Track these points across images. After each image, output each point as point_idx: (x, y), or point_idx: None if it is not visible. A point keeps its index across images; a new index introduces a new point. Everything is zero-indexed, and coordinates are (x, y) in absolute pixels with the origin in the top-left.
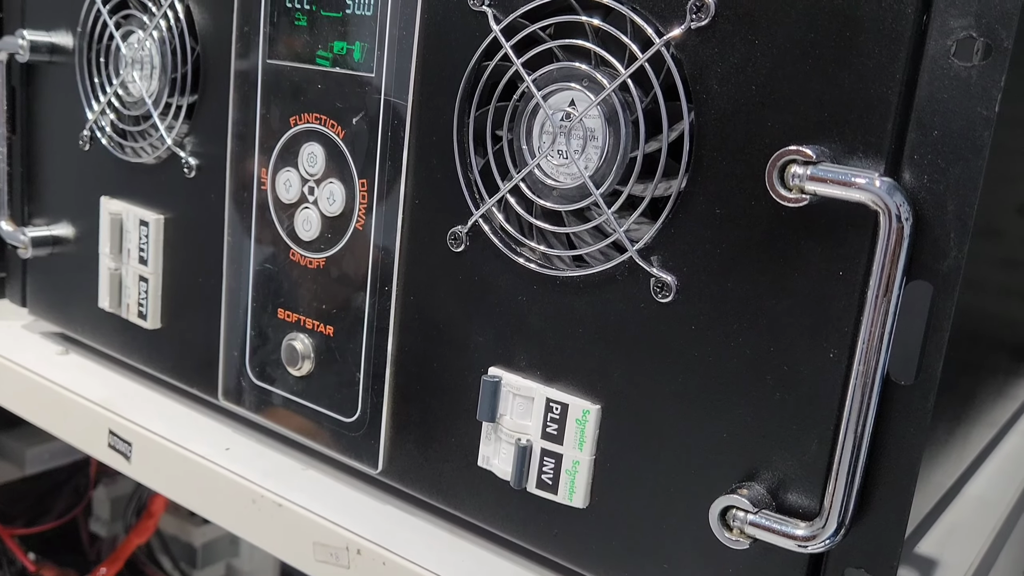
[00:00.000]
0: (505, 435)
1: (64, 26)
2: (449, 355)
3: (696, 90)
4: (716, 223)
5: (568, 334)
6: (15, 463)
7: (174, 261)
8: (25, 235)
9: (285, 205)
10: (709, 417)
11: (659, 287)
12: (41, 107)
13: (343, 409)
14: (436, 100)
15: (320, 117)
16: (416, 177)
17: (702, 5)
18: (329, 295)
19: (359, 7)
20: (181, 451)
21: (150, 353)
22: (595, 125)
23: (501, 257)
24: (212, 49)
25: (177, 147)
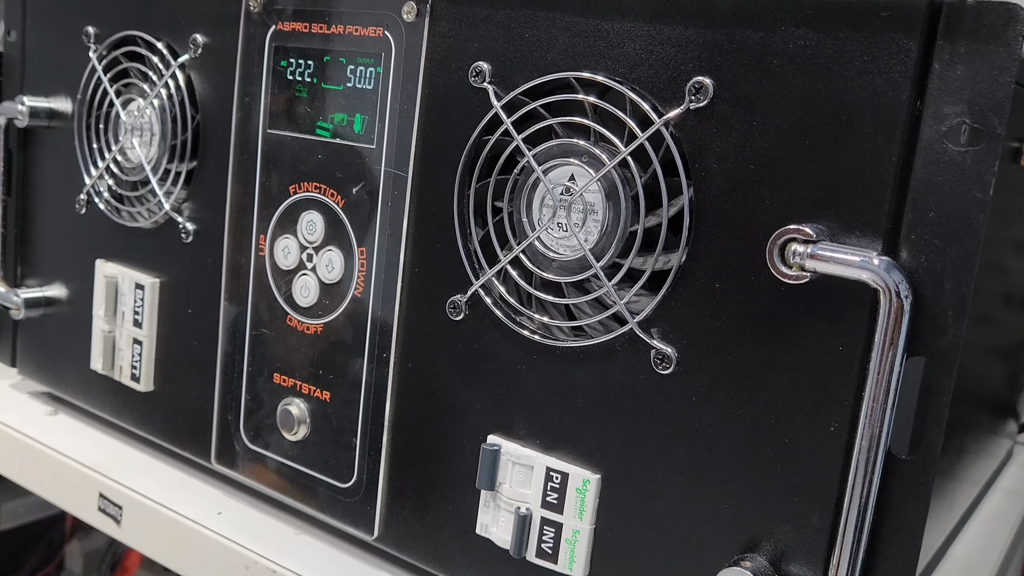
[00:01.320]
0: (504, 503)
1: (63, 92)
2: (447, 422)
3: (695, 167)
4: (716, 297)
5: (568, 403)
6: None
7: (168, 324)
8: (18, 296)
9: (283, 271)
10: (710, 488)
11: (660, 359)
12: (37, 170)
13: (339, 474)
14: (436, 172)
15: (320, 186)
16: (416, 246)
17: (701, 87)
18: (326, 361)
19: (360, 81)
20: (172, 515)
21: (142, 415)
22: (595, 199)
23: (501, 326)
24: (212, 117)
25: (175, 212)
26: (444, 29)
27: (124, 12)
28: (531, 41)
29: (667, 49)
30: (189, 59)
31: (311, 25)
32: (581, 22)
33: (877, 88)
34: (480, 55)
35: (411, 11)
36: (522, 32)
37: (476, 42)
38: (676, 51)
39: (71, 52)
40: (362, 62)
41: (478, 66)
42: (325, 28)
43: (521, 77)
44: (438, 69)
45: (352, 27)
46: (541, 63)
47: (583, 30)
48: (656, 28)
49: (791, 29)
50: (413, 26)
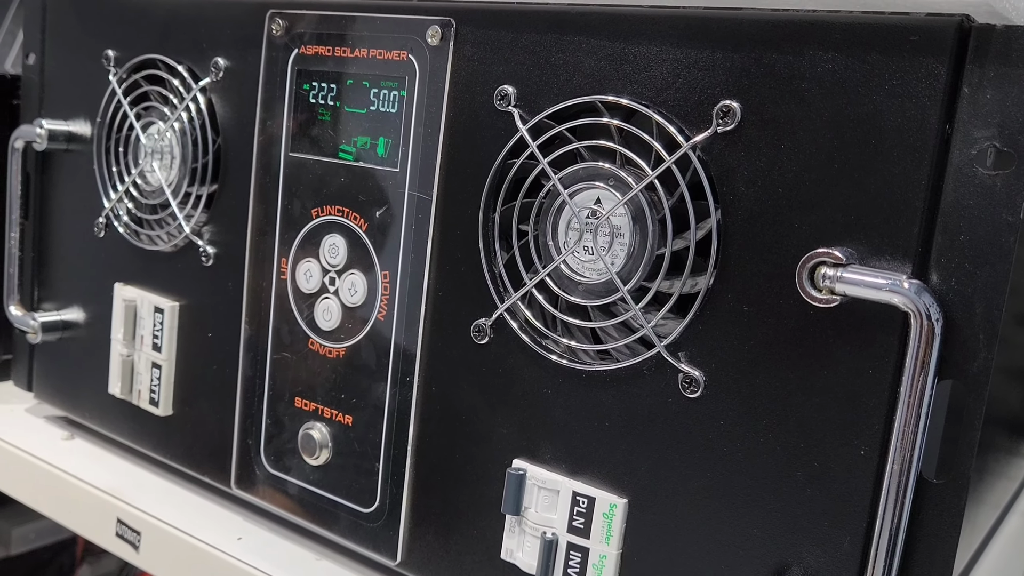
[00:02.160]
0: (530, 528)
1: (82, 115)
2: (471, 446)
3: (723, 191)
4: (744, 320)
5: (594, 427)
6: (0, 543)
7: (188, 348)
8: (35, 320)
9: (305, 295)
10: (739, 512)
11: (687, 382)
12: (55, 193)
13: (361, 499)
14: (461, 195)
15: (342, 209)
16: (439, 269)
17: (728, 111)
18: (348, 384)
19: (383, 104)
20: (192, 541)
21: (160, 440)
22: (621, 223)
23: (526, 350)
24: (233, 140)
25: (195, 236)
26: (469, 53)
27: (144, 36)
28: (557, 65)
29: (694, 73)
30: (210, 82)
31: (334, 49)
32: (607, 46)
33: (906, 112)
34: (505, 79)
35: (436, 35)
36: (548, 56)
37: (501, 66)
38: (703, 75)
39: (90, 75)
40: (385, 85)
41: (503, 89)
42: (348, 52)
43: (546, 100)
44: (463, 92)
45: (376, 51)
46: (567, 87)
47: (609, 54)
48: (683, 52)
49: (819, 53)
50: (438, 50)
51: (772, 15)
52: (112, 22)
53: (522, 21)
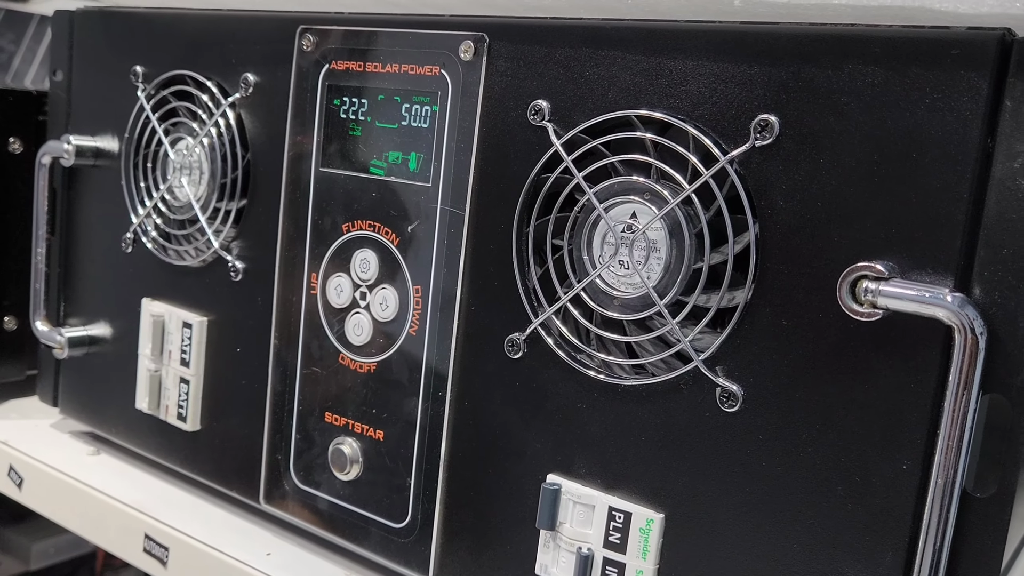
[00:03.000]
0: (565, 543)
1: (110, 131)
2: (505, 461)
3: (760, 205)
4: (783, 334)
5: (630, 442)
6: (20, 558)
7: (216, 363)
8: (62, 335)
9: (336, 310)
10: (778, 527)
11: (725, 396)
12: (81, 209)
13: (392, 514)
14: (494, 210)
15: (374, 224)
16: (472, 284)
17: (766, 125)
18: (380, 399)
19: (415, 119)
20: (221, 556)
21: (188, 455)
22: (657, 237)
23: (561, 364)
24: (263, 155)
25: (224, 251)
26: (502, 68)
27: (173, 52)
28: (591, 79)
29: (731, 87)
30: (240, 98)
31: (365, 64)
32: (643, 60)
33: (947, 125)
34: (539, 93)
35: (469, 50)
36: (582, 70)
37: (535, 80)
38: (741, 89)
39: (118, 91)
40: (418, 100)
41: (537, 104)
42: (380, 67)
43: (581, 115)
44: (496, 107)
45: (408, 66)
46: (601, 101)
47: (645, 68)
48: (720, 66)
49: (859, 67)
50: (470, 65)
51: (810, 29)
52: (140, 39)
53: (556, 36)
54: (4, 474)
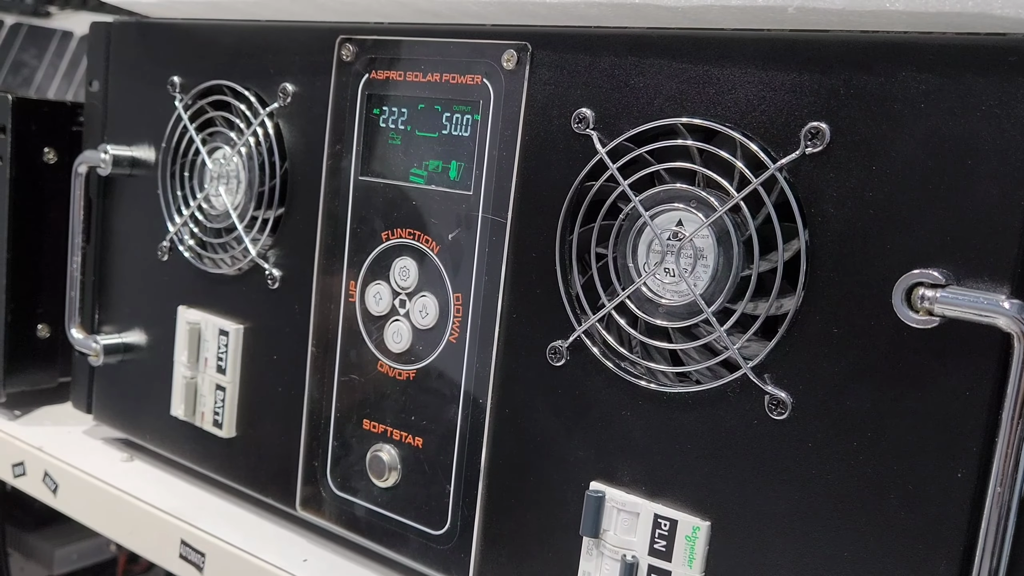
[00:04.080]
0: (609, 551)
1: (146, 141)
2: (547, 468)
3: (810, 212)
4: (833, 342)
5: (675, 449)
6: (43, 563)
7: (252, 370)
8: (97, 343)
9: (374, 317)
10: (828, 535)
11: (774, 404)
12: (116, 218)
13: (431, 521)
14: (536, 218)
15: (414, 232)
16: (513, 292)
17: (817, 132)
18: (419, 406)
19: (456, 128)
20: (257, 562)
21: (223, 462)
22: (704, 244)
23: (604, 372)
24: (300, 164)
25: (261, 259)
26: (545, 76)
27: (211, 62)
28: (637, 88)
29: (781, 95)
30: (278, 107)
31: (406, 74)
32: (690, 69)
33: (1005, 132)
34: (583, 102)
35: (511, 59)
36: (627, 79)
37: (579, 89)
38: (790, 97)
39: (154, 101)
40: (459, 110)
41: (581, 112)
42: (420, 76)
43: (626, 123)
44: (538, 116)
45: (449, 75)
46: (647, 109)
47: (692, 76)
48: (769, 74)
49: (912, 74)
50: (513, 74)
51: (862, 37)
52: (178, 49)
53: (600, 45)
54: (39, 480)
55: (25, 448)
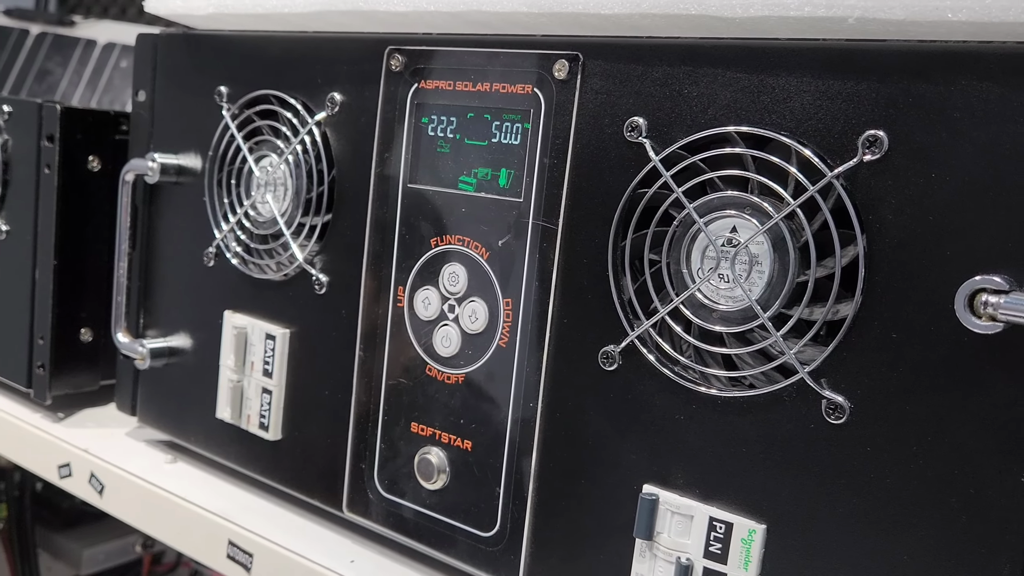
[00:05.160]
0: (662, 553)
1: (192, 149)
2: (598, 471)
3: (868, 219)
4: (892, 347)
5: (730, 453)
6: (72, 563)
7: (298, 373)
8: (143, 346)
9: (423, 322)
10: (887, 539)
11: (831, 408)
12: (161, 224)
13: (480, 523)
14: (587, 224)
15: (463, 239)
16: (564, 297)
17: (875, 140)
18: (468, 410)
19: (505, 136)
20: (305, 562)
21: (269, 464)
22: (760, 251)
23: (658, 376)
24: (348, 172)
25: (308, 264)
26: (597, 86)
27: (258, 73)
28: (690, 97)
29: (837, 103)
30: (326, 116)
31: (455, 84)
32: (744, 78)
33: None
34: (635, 111)
35: (563, 69)
36: (680, 88)
37: (631, 98)
38: (847, 105)
39: (201, 110)
40: (508, 118)
41: (634, 121)
42: (470, 86)
43: (679, 132)
44: (590, 124)
45: (499, 85)
46: (701, 118)
47: (746, 86)
48: (825, 83)
49: (972, 83)
50: (565, 83)
51: (920, 47)
52: (225, 60)
53: (653, 55)
54: (85, 481)
55: (71, 450)
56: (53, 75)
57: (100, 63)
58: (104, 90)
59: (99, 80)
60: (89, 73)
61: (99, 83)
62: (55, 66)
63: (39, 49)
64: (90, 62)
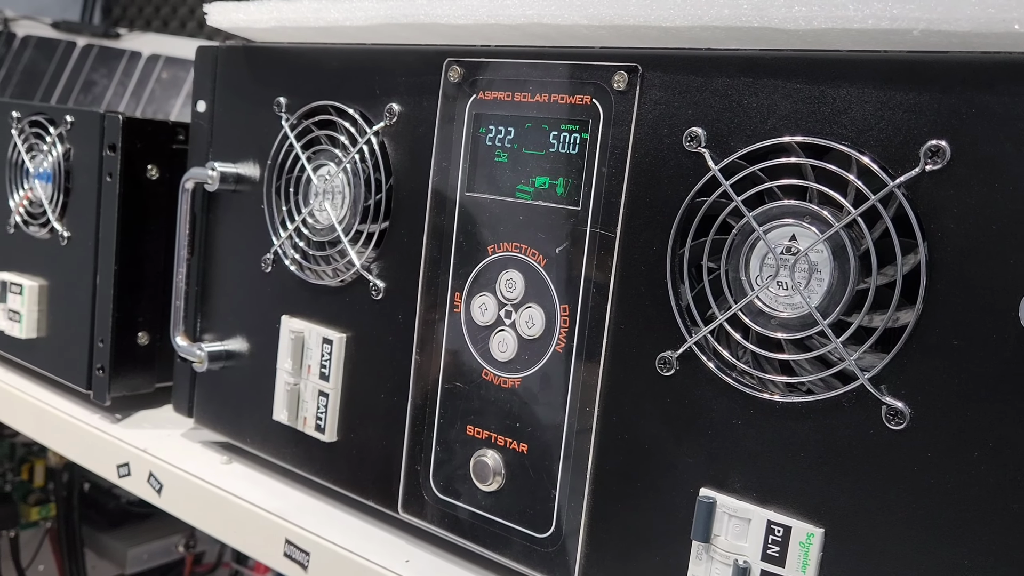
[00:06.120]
0: (720, 555)
1: (251, 158)
2: (654, 474)
3: (930, 228)
4: (953, 354)
5: (788, 457)
6: (117, 562)
7: (354, 377)
8: (202, 350)
9: (479, 327)
10: (947, 544)
11: (892, 414)
12: (218, 231)
13: (536, 525)
14: (645, 232)
15: (520, 246)
16: (621, 303)
17: (937, 150)
18: (524, 413)
19: (563, 146)
20: (362, 561)
21: (325, 465)
22: (819, 259)
23: (715, 382)
24: (405, 180)
25: (365, 270)
26: (656, 97)
27: (317, 84)
28: (750, 108)
29: (899, 114)
30: (384, 126)
31: (513, 94)
32: (804, 89)
33: None
34: (694, 121)
35: (622, 80)
36: (740, 99)
37: (690, 109)
38: (909, 116)
39: (260, 121)
40: (566, 128)
41: (693, 131)
42: (528, 97)
43: (738, 142)
44: (649, 134)
45: (557, 96)
46: (760, 128)
47: (807, 96)
48: (887, 94)
49: None
50: (623, 94)
51: (985, 58)
52: (285, 72)
53: (712, 66)
54: (144, 480)
55: (130, 450)
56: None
57: (144, 74)
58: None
59: (143, 91)
60: (133, 84)
61: (143, 94)
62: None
63: (85, 60)
64: (134, 73)
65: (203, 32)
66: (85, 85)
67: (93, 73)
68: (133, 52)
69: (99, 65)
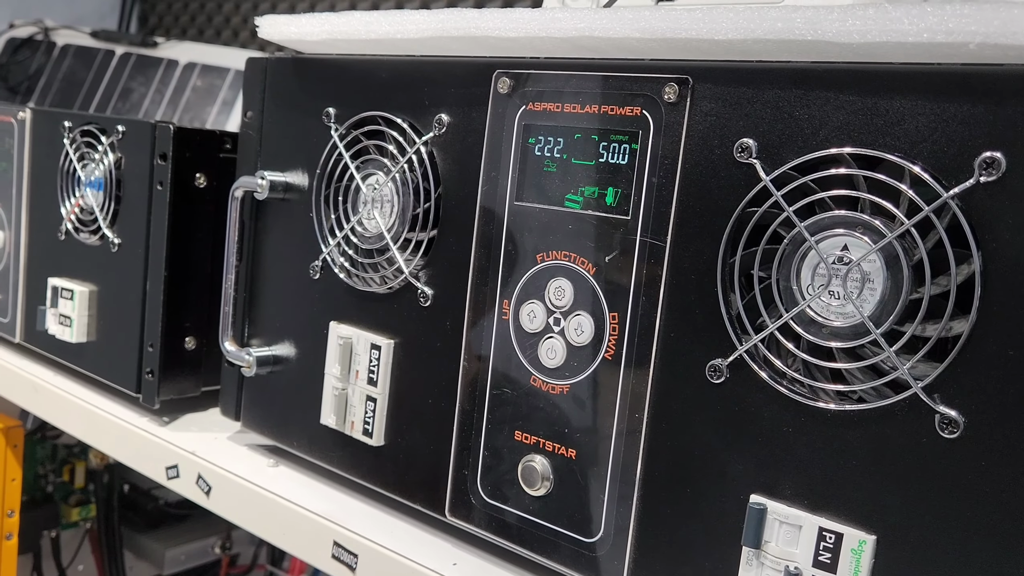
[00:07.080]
0: (770, 562)
1: (299, 167)
2: (703, 481)
3: (984, 238)
4: (1009, 363)
5: (839, 465)
6: (155, 563)
7: (402, 382)
8: (250, 355)
9: (528, 334)
10: (1003, 552)
11: (946, 423)
12: (267, 239)
13: (584, 529)
14: (696, 241)
15: (569, 255)
16: (671, 312)
17: (992, 162)
18: (573, 419)
19: (613, 157)
20: (409, 563)
21: (372, 468)
22: (872, 269)
23: (766, 389)
24: (454, 189)
25: (413, 278)
26: (707, 108)
27: (366, 95)
28: (801, 119)
29: (953, 126)
30: (433, 136)
31: (563, 105)
32: (857, 101)
33: None
34: (745, 132)
35: (672, 92)
36: (791, 110)
37: (741, 120)
38: (963, 127)
39: (308, 130)
40: (616, 139)
41: (744, 142)
42: (578, 108)
43: (789, 153)
44: (699, 145)
45: (607, 107)
46: (812, 140)
47: (859, 108)
48: (940, 106)
49: None
50: (674, 106)
51: None
52: (334, 83)
53: (763, 78)
54: (192, 482)
55: (179, 452)
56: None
57: (181, 83)
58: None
59: (180, 99)
60: (170, 92)
61: (180, 102)
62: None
63: (123, 69)
64: (171, 82)
65: (237, 41)
66: (123, 93)
67: (131, 81)
68: (170, 60)
69: (136, 74)
